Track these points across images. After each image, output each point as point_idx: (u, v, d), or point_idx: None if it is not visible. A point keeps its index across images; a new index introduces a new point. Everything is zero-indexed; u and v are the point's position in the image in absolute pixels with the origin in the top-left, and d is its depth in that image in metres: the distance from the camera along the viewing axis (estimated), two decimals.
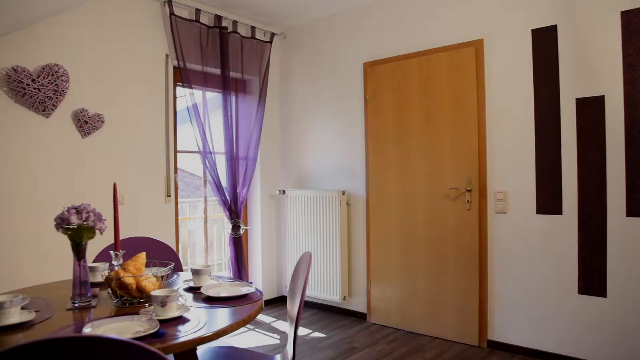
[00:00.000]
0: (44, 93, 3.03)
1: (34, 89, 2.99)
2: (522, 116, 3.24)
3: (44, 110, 3.06)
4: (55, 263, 3.09)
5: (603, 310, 2.95)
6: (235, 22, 4.21)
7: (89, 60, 3.31)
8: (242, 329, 3.86)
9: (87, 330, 1.45)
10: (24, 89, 2.95)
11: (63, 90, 3.12)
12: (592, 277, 2.98)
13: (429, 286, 3.68)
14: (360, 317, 4.18)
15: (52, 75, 3.06)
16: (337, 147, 4.34)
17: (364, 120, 4.11)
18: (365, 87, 4.08)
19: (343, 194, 4.16)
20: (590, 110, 2.97)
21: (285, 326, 4.01)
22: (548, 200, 3.14)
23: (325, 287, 4.26)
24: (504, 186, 3.34)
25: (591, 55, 2.97)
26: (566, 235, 3.08)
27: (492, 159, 3.39)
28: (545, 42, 3.13)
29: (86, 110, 3.27)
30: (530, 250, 3.23)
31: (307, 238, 4.38)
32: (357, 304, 4.21)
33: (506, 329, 3.34)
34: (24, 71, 2.94)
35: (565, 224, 3.08)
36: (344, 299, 4.19)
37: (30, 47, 3.02)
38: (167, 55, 3.79)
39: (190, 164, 6.35)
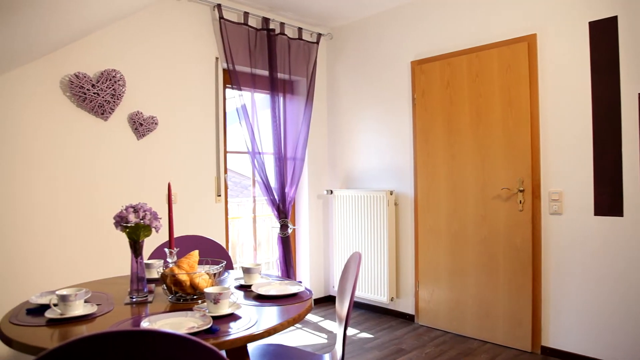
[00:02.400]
0: (103, 97, 3.18)
1: (94, 93, 3.14)
2: (579, 113, 3.11)
3: (102, 114, 3.21)
4: (112, 259, 3.23)
5: None
6: (282, 24, 4.27)
7: (143, 64, 3.44)
8: (290, 327, 3.89)
9: (145, 324, 1.51)
10: (85, 93, 3.10)
11: (120, 94, 3.26)
12: None
13: (479, 288, 3.60)
14: (408, 318, 4.13)
15: (110, 80, 3.20)
16: (385, 146, 4.31)
17: (412, 119, 4.06)
18: (413, 86, 4.03)
19: (391, 194, 4.13)
20: None
21: (333, 326, 4.02)
22: (607, 201, 3.00)
23: (372, 288, 4.24)
24: (559, 186, 3.22)
25: None
26: (628, 238, 2.92)
27: (546, 158, 3.27)
28: (604, 35, 2.99)
29: (141, 113, 3.40)
30: (588, 254, 3.09)
31: (355, 238, 4.38)
32: (405, 305, 4.16)
33: (561, 335, 3.21)
34: (84, 77, 3.09)
35: (627, 227, 2.93)
36: (392, 299, 4.15)
37: (90, 54, 3.17)
38: (216, 58, 3.89)
39: (238, 164, 6.47)
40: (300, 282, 3.33)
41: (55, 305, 1.66)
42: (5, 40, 2.31)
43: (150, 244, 2.41)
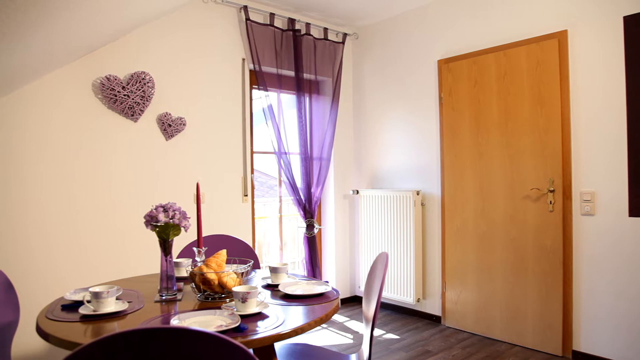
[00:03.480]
0: (133, 99, 3.24)
1: (124, 95, 3.21)
2: (613, 111, 3.02)
3: (132, 115, 3.27)
4: (143, 258, 3.29)
5: None
6: (308, 25, 4.28)
7: (172, 66, 3.50)
8: (316, 327, 3.91)
9: (175, 322, 1.53)
10: (116, 95, 3.17)
11: (149, 96, 3.32)
12: None
13: (507, 290, 3.53)
14: (434, 319, 4.09)
15: (140, 82, 3.26)
16: (412, 146, 4.28)
17: (439, 118, 4.02)
18: (440, 85, 3.99)
19: (417, 194, 4.09)
20: None
21: (358, 326, 4.02)
22: None
23: (399, 288, 4.21)
24: (592, 186, 3.13)
25: None
26: None
27: (578, 157, 3.19)
28: (639, 29, 2.90)
29: (169, 114, 3.46)
30: (622, 256, 3.00)
31: (381, 238, 4.36)
32: (432, 307, 4.12)
33: (594, 339, 3.13)
34: (115, 79, 3.16)
35: None
36: (418, 300, 4.12)
37: (120, 57, 3.24)
38: (243, 59, 3.92)
39: (263, 164, 6.52)
40: (327, 282, 3.33)
41: (88, 301, 1.70)
42: (46, 45, 2.38)
43: (179, 243, 2.45)
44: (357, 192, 4.60)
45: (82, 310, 1.67)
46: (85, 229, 3.11)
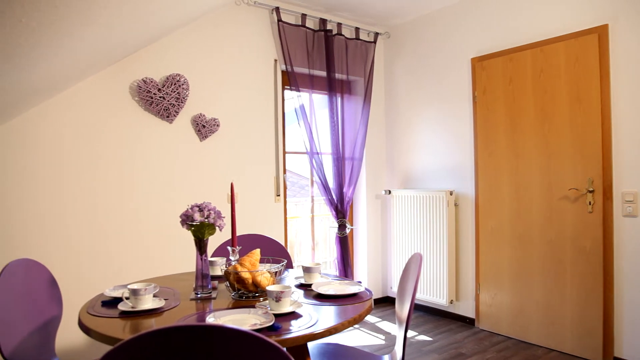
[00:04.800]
0: (168, 101, 3.31)
1: (160, 97, 3.28)
2: None
3: (167, 117, 3.34)
4: (179, 257, 3.36)
5: None
6: (339, 25, 4.28)
7: (206, 68, 3.56)
8: (349, 327, 3.90)
9: (210, 320, 1.56)
10: (152, 97, 3.25)
11: (184, 98, 3.39)
12: None
13: (544, 293, 3.44)
14: (467, 322, 4.03)
15: (175, 84, 3.33)
16: (445, 146, 4.22)
17: (473, 117, 3.95)
18: (474, 83, 3.92)
19: (451, 194, 4.04)
20: None
21: (391, 327, 3.99)
22: None
23: (431, 290, 4.16)
24: (634, 186, 3.02)
25: None
26: None
27: (619, 157, 3.08)
28: None
29: (204, 115, 3.52)
30: None
31: (413, 239, 4.31)
32: (465, 309, 4.06)
33: (637, 346, 3.01)
34: (151, 82, 3.24)
35: None
36: (451, 302, 4.06)
37: (156, 59, 3.32)
38: (275, 60, 3.95)
39: (295, 164, 6.55)
40: (360, 282, 3.32)
41: (127, 298, 1.75)
42: (88, 50, 2.46)
43: (213, 242, 2.48)
44: (390, 192, 4.57)
45: (121, 307, 1.72)
46: (121, 228, 3.19)
